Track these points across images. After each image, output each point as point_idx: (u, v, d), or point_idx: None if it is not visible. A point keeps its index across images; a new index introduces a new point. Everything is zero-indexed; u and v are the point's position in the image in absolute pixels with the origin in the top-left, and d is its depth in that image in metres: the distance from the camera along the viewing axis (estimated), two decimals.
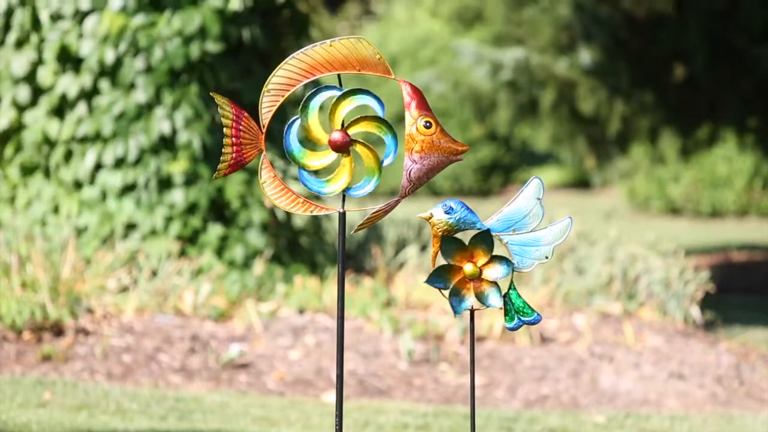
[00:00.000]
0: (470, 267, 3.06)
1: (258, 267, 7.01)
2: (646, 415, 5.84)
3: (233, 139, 3.08)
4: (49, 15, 7.27)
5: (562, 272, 7.49)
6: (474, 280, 3.08)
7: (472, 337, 3.11)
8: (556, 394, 6.17)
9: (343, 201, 3.11)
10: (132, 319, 6.38)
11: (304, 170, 3.10)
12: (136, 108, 7.16)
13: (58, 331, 6.14)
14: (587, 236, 8.16)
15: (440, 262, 3.11)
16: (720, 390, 6.37)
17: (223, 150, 3.08)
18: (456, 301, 3.09)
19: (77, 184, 7.25)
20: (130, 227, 7.13)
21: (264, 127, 3.08)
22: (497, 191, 21.58)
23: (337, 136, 3.06)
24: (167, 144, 7.18)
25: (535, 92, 12.80)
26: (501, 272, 3.07)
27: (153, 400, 5.42)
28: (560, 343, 6.70)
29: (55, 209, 7.23)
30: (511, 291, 3.11)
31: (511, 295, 3.11)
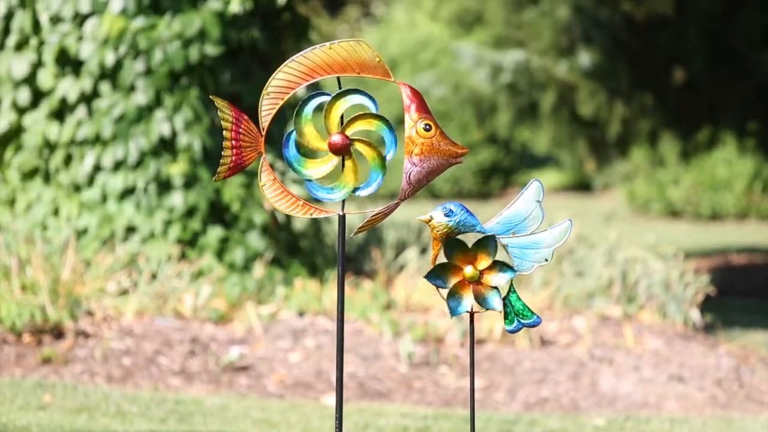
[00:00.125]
0: (470, 270, 3.06)
1: (258, 270, 7.01)
2: (646, 417, 5.84)
3: (233, 141, 3.08)
4: (49, 17, 7.27)
5: (562, 275, 7.49)
6: (474, 283, 3.08)
7: (472, 339, 3.11)
8: (556, 396, 6.17)
9: (343, 204, 3.11)
10: (132, 322, 6.37)
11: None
12: (136, 110, 7.16)
13: (58, 333, 6.14)
14: (587, 239, 8.16)
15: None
16: (720, 393, 6.37)
17: (222, 153, 3.08)
18: (454, 302, 3.09)
19: (77, 187, 7.24)
20: (130, 230, 7.13)
21: (264, 129, 3.08)
22: (497, 194, 21.58)
23: (337, 138, 3.06)
24: (167, 147, 7.18)
25: (535, 95, 12.79)
26: (503, 278, 3.07)
27: (153, 403, 5.42)
28: (560, 345, 6.70)
29: (55, 212, 7.22)
30: (510, 294, 3.11)
31: (510, 298, 3.11)
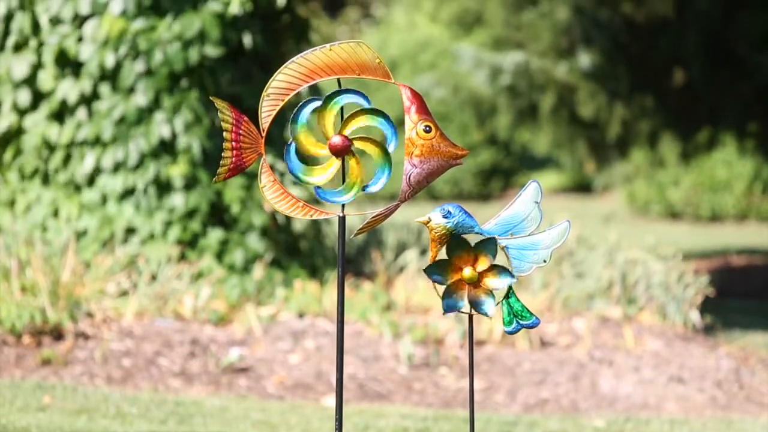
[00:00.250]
0: (469, 271, 3.07)
1: (258, 271, 7.01)
2: (646, 419, 5.84)
3: (233, 143, 3.08)
4: (49, 19, 7.27)
5: (561, 276, 7.49)
6: (471, 284, 3.08)
7: (471, 341, 3.11)
8: (556, 398, 6.17)
9: (343, 205, 3.11)
10: (132, 323, 6.38)
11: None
12: (136, 112, 7.16)
13: (57, 335, 6.14)
14: (587, 240, 8.16)
15: None
16: (720, 394, 6.37)
17: (222, 154, 3.08)
18: (448, 300, 3.09)
19: (77, 188, 7.25)
20: (130, 231, 7.13)
21: (264, 131, 3.08)
22: (497, 195, 21.58)
23: (337, 140, 3.06)
24: (167, 148, 7.18)
25: (534, 96, 12.79)
26: (501, 283, 3.07)
27: (153, 404, 5.42)
28: (560, 347, 6.70)
29: (55, 213, 7.22)
30: (509, 295, 3.11)
31: (510, 300, 3.11)
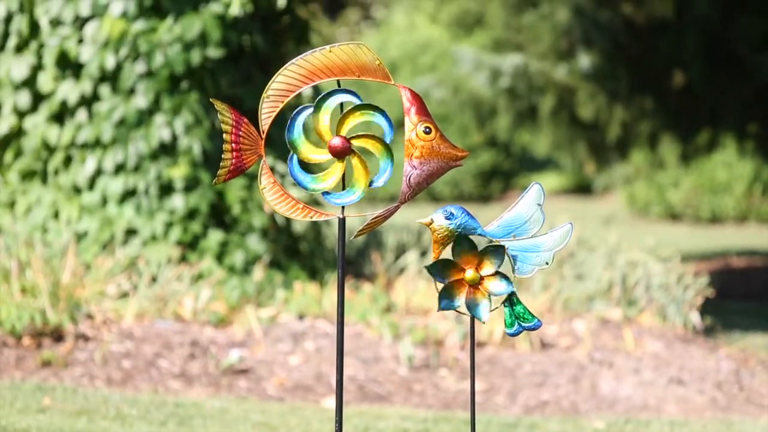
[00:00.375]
0: (471, 273, 3.07)
1: (258, 273, 7.01)
2: (646, 420, 5.84)
3: (233, 144, 3.08)
4: (49, 20, 7.27)
5: (562, 278, 7.49)
6: (471, 286, 3.08)
7: (472, 342, 3.11)
8: (556, 399, 6.17)
9: (343, 207, 3.11)
10: (132, 325, 6.37)
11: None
12: (137, 114, 7.16)
13: (57, 336, 6.14)
14: (587, 242, 8.16)
15: None
16: (720, 396, 6.37)
17: (222, 156, 3.08)
18: (445, 298, 3.08)
19: (77, 190, 7.24)
20: (130, 233, 7.13)
21: (264, 132, 3.08)
22: (497, 197, 21.58)
23: (338, 142, 3.06)
24: (167, 150, 7.18)
25: (534, 98, 12.79)
26: (500, 288, 3.08)
27: (153, 406, 5.41)
28: (560, 348, 6.70)
29: (55, 215, 7.22)
30: (512, 297, 3.11)
31: (512, 302, 3.11)
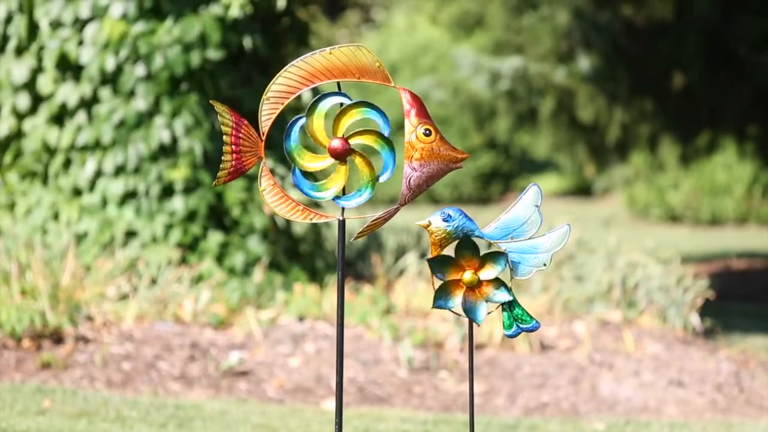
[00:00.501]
0: (469, 275, 3.07)
1: (258, 274, 7.01)
2: (646, 422, 5.84)
3: (233, 146, 3.08)
4: (49, 22, 7.27)
5: (561, 280, 7.49)
6: (475, 285, 3.08)
7: (471, 344, 3.11)
8: (556, 401, 6.17)
9: (343, 209, 3.12)
10: (132, 327, 6.38)
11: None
12: (136, 115, 7.16)
13: (57, 338, 6.14)
14: (587, 244, 8.16)
15: None
16: (720, 397, 6.37)
17: (222, 158, 3.09)
18: (441, 297, 3.08)
19: (77, 191, 7.25)
20: (130, 234, 7.13)
21: (264, 134, 3.09)
22: (497, 199, 21.58)
23: (337, 143, 3.06)
24: (167, 151, 7.18)
25: (534, 101, 12.79)
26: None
27: (153, 408, 5.42)
28: (560, 350, 6.70)
29: (55, 216, 7.22)
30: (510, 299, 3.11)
31: (510, 303, 3.11)
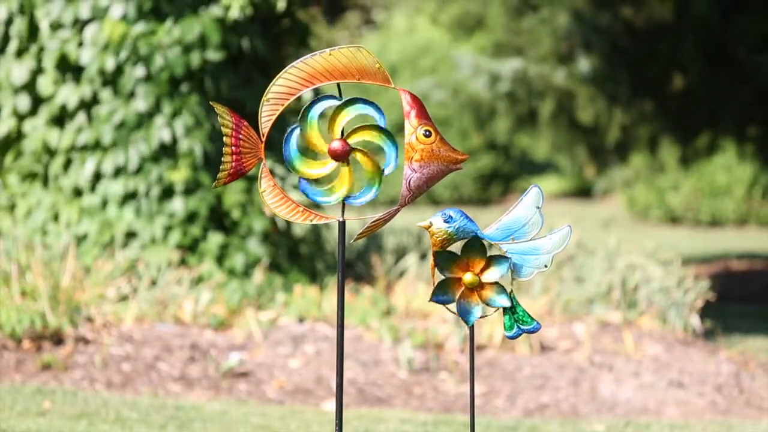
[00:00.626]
0: (469, 276, 3.07)
1: (258, 276, 7.01)
2: (646, 423, 5.84)
3: (233, 148, 3.08)
4: (49, 24, 7.28)
5: (561, 281, 7.49)
6: (476, 287, 3.08)
7: (472, 345, 3.11)
8: (556, 402, 6.17)
9: (343, 210, 3.12)
10: (132, 328, 6.38)
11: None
12: (136, 117, 7.16)
13: (57, 339, 6.14)
14: (587, 245, 8.16)
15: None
16: (720, 398, 6.37)
17: (222, 159, 3.09)
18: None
19: (77, 192, 7.25)
20: (130, 236, 7.13)
21: (264, 135, 3.09)
22: (497, 200, 21.58)
23: (337, 145, 3.06)
24: (167, 152, 7.18)
25: (533, 102, 12.79)
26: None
27: (152, 409, 5.42)
28: (560, 351, 6.70)
29: (55, 217, 7.22)
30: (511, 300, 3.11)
31: (511, 305, 3.11)
